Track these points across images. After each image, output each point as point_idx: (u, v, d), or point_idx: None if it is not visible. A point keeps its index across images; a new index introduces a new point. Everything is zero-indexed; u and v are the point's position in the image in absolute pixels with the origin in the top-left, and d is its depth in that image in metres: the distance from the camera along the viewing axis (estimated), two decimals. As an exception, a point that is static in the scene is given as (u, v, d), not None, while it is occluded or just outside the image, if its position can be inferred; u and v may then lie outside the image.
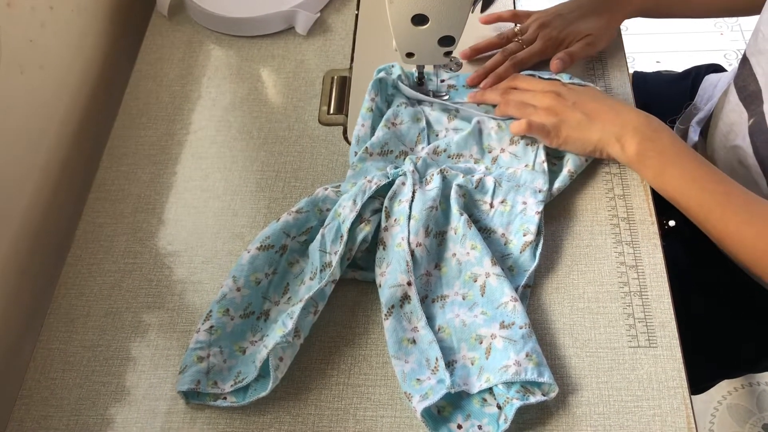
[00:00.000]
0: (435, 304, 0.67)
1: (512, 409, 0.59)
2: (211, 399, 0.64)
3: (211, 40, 0.93)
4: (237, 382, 0.63)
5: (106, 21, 0.94)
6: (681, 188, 0.68)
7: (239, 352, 0.65)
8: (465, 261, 0.67)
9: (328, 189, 0.72)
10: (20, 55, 0.76)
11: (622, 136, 0.70)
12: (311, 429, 0.63)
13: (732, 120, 0.79)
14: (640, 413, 0.62)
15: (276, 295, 0.68)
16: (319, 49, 0.91)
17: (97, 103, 0.91)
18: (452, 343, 0.65)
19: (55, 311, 0.72)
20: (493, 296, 0.65)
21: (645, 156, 0.69)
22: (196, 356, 0.64)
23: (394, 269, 0.66)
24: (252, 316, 0.67)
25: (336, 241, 0.67)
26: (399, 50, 0.74)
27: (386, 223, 0.69)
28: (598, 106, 0.72)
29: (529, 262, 0.68)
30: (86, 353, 0.69)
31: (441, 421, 0.61)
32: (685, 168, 0.68)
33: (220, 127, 0.84)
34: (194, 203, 0.78)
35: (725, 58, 1.87)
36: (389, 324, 0.65)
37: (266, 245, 0.68)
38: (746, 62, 0.76)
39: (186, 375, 0.63)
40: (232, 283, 0.67)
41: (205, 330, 0.65)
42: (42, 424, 0.65)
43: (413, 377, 0.62)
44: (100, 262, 0.74)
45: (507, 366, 0.60)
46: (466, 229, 0.68)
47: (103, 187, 0.80)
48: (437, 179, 0.70)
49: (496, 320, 0.64)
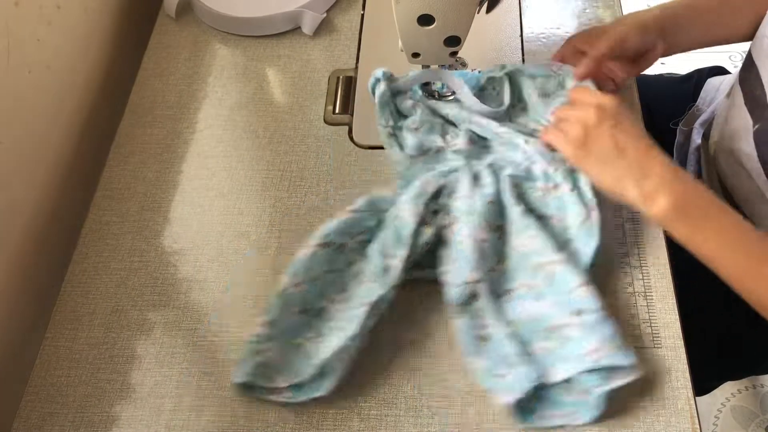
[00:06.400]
0: (502, 298, 0.66)
1: (599, 397, 0.60)
2: (267, 393, 0.64)
3: (218, 39, 0.93)
4: (291, 378, 0.63)
5: (112, 20, 0.95)
6: (717, 250, 0.64)
7: (295, 348, 0.65)
8: (526, 252, 0.66)
9: (383, 191, 0.71)
10: (28, 55, 0.76)
11: (652, 187, 0.64)
12: (315, 427, 0.63)
13: (736, 124, 0.79)
14: (644, 414, 0.62)
15: (334, 293, 0.67)
16: (325, 49, 0.91)
17: (103, 102, 0.91)
18: (525, 335, 0.64)
19: (61, 309, 0.72)
20: (561, 284, 0.64)
21: (680, 214, 0.64)
22: (253, 349, 0.64)
23: (460, 267, 0.65)
24: (309, 313, 0.66)
25: (396, 244, 0.66)
26: (405, 50, 0.74)
27: (447, 220, 0.68)
28: (635, 143, 0.66)
29: (590, 242, 0.66)
30: (92, 351, 0.69)
31: (526, 413, 0.61)
32: (722, 231, 0.63)
33: (226, 126, 0.84)
34: (200, 202, 0.78)
35: (730, 60, 1.87)
36: (460, 323, 0.64)
37: (326, 242, 0.67)
38: (752, 66, 0.76)
39: (242, 367, 0.63)
40: (292, 278, 0.66)
41: (262, 324, 0.64)
42: (48, 420, 0.65)
43: (492, 373, 0.62)
44: (106, 260, 0.75)
45: (586, 353, 0.60)
46: (524, 220, 0.67)
47: (109, 186, 0.80)
48: (487, 173, 0.70)
49: (567, 308, 0.63)
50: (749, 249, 0.63)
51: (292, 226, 0.75)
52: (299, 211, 0.76)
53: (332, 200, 0.77)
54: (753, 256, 0.62)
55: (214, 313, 0.70)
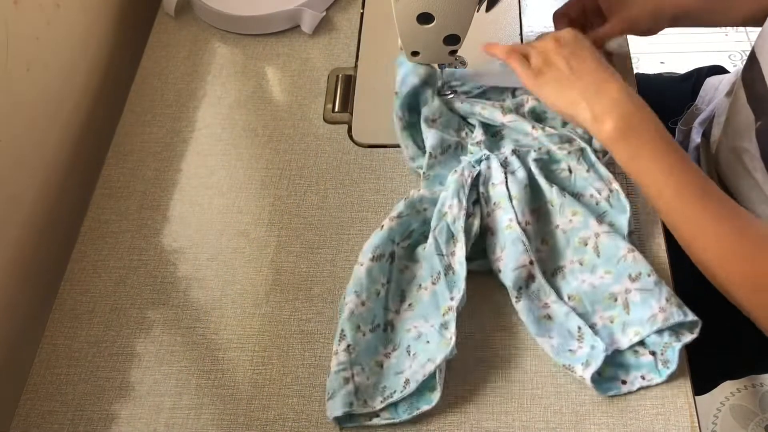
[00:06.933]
0: (555, 277, 0.68)
1: (675, 353, 0.62)
2: (366, 419, 0.62)
3: (217, 38, 0.93)
4: (386, 398, 0.62)
5: (111, 19, 0.95)
6: (656, 178, 0.64)
7: (377, 367, 0.64)
8: (570, 229, 0.68)
9: (421, 189, 0.72)
10: (27, 53, 0.76)
11: (601, 109, 0.65)
12: (315, 426, 0.63)
13: (738, 122, 0.79)
14: (643, 412, 0.62)
15: (395, 303, 0.67)
16: (325, 48, 0.91)
17: (102, 101, 0.91)
18: (585, 308, 0.65)
19: (61, 307, 0.72)
20: (609, 253, 0.66)
21: (622, 136, 0.65)
22: (341, 378, 0.62)
23: (511, 252, 0.66)
24: (379, 329, 0.66)
25: (451, 241, 0.67)
26: (404, 49, 0.74)
27: (487, 208, 0.69)
28: (590, 68, 0.67)
29: (622, 211, 0.69)
30: (91, 349, 0.69)
31: (606, 382, 0.62)
32: (664, 159, 0.64)
33: (225, 125, 0.84)
34: (199, 200, 0.78)
35: (730, 59, 1.87)
36: (522, 306, 0.65)
37: (377, 255, 0.67)
38: (755, 63, 0.76)
39: (336, 399, 0.61)
40: (356, 298, 0.65)
41: (343, 350, 0.63)
42: (47, 418, 0.65)
43: (564, 350, 0.63)
44: (105, 259, 0.75)
45: (653, 315, 0.62)
46: (562, 198, 0.69)
47: (108, 184, 0.80)
48: (514, 159, 0.71)
49: (622, 275, 0.65)
50: (702, 196, 0.62)
51: (292, 224, 0.75)
52: (298, 209, 0.76)
53: (331, 199, 0.77)
54: (708, 208, 0.62)
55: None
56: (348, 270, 0.70)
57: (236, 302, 0.71)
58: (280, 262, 0.73)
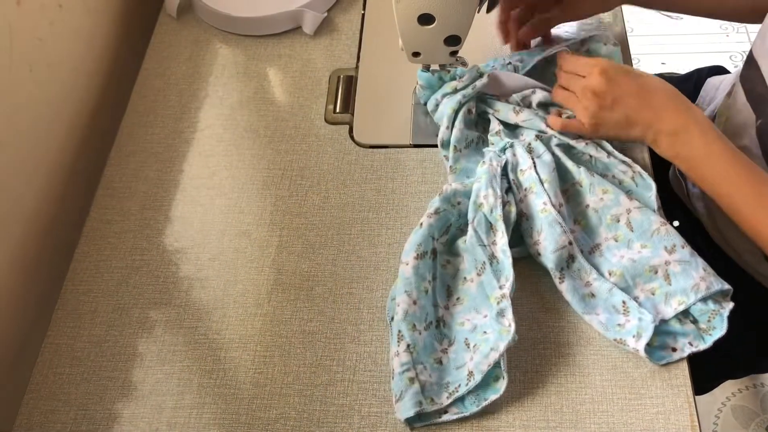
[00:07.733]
0: (593, 255, 0.69)
1: (723, 320, 0.63)
2: (436, 417, 0.62)
3: (219, 39, 0.93)
4: (451, 393, 0.62)
5: (114, 19, 0.95)
6: (714, 187, 0.69)
7: (437, 364, 0.64)
8: (601, 207, 0.69)
9: (452, 183, 0.72)
10: (29, 54, 0.76)
11: (657, 137, 0.70)
12: (316, 425, 0.64)
13: (738, 121, 0.80)
14: (643, 411, 0.62)
15: (442, 299, 0.68)
16: (326, 49, 0.91)
17: (104, 101, 0.92)
18: (627, 282, 0.66)
19: (63, 307, 0.72)
20: (643, 227, 0.67)
21: (676, 157, 0.70)
22: (407, 378, 0.62)
23: (549, 234, 0.66)
24: (432, 326, 0.66)
25: (489, 231, 0.68)
26: (405, 50, 0.74)
27: (520, 194, 0.70)
28: (638, 104, 0.70)
29: (648, 188, 0.70)
30: (93, 349, 0.69)
31: (657, 351, 0.64)
32: (716, 168, 0.68)
33: (226, 126, 0.85)
34: (201, 201, 0.78)
35: (731, 60, 1.87)
36: (566, 286, 0.66)
37: (421, 253, 0.67)
38: (753, 63, 0.76)
39: (406, 401, 0.61)
40: (407, 297, 0.65)
41: (403, 351, 0.63)
42: (49, 418, 0.66)
43: (613, 324, 0.64)
44: (108, 259, 0.75)
45: (696, 284, 0.64)
46: (591, 178, 0.70)
47: (110, 185, 0.81)
48: (538, 144, 0.72)
49: (658, 248, 0.66)
50: (745, 184, 0.67)
51: (293, 224, 0.76)
52: (300, 209, 0.77)
53: (333, 199, 0.77)
54: (749, 190, 0.66)
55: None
56: (349, 269, 0.70)
57: (238, 302, 0.71)
58: (282, 262, 0.73)
